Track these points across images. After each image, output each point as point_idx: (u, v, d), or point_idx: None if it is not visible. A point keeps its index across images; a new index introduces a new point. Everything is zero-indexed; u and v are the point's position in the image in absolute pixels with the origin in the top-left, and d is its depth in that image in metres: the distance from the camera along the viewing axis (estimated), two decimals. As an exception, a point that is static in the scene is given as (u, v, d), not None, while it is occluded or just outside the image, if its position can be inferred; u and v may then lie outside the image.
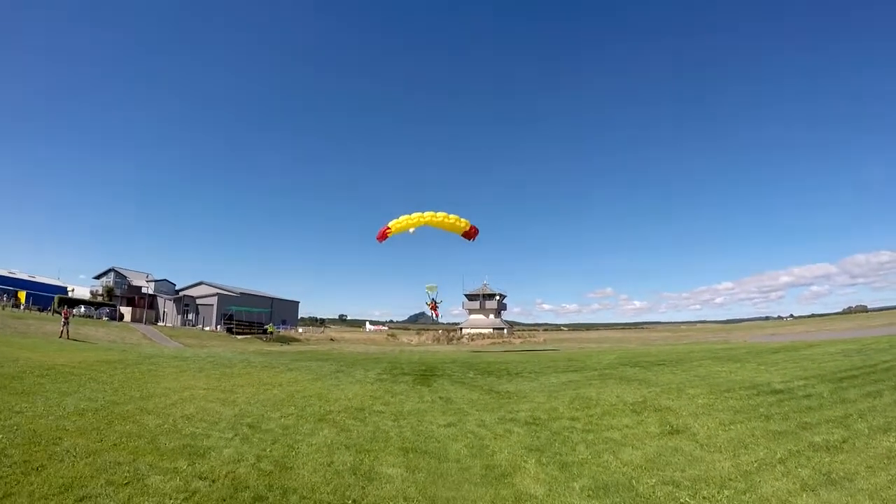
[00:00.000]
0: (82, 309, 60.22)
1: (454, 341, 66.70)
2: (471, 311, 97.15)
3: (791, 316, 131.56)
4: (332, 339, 62.21)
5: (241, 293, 77.50)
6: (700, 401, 11.45)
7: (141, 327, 52.26)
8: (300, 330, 75.45)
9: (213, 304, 69.90)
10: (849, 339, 31.76)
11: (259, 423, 9.43)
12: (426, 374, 19.29)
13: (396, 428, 9.47)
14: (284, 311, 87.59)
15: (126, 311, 66.92)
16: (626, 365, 21.34)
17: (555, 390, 14.14)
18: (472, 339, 69.32)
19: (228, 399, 12.02)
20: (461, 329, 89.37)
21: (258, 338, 56.67)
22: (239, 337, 55.32)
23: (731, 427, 8.89)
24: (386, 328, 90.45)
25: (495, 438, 8.71)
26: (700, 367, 19.27)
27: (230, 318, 63.64)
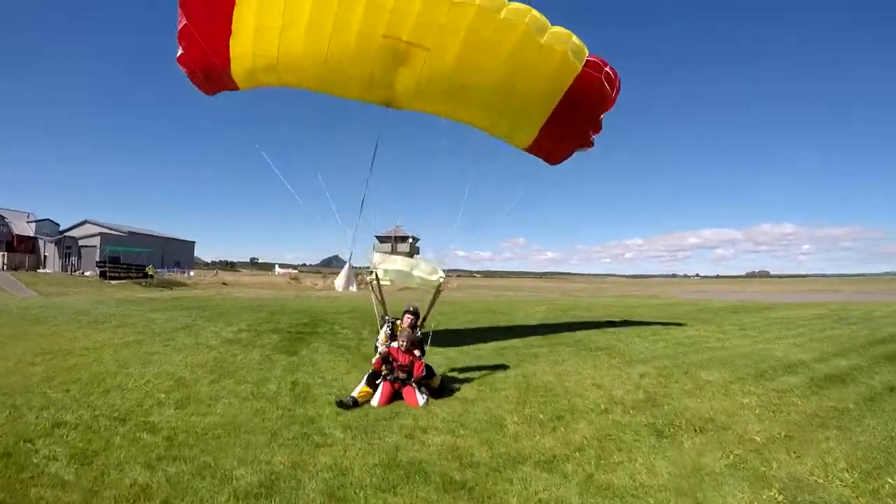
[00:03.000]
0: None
1: (362, 286, 61.00)
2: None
3: (697, 275, 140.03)
4: (224, 284, 54.17)
5: (130, 232, 66.78)
6: (745, 401, 7.06)
7: (-5, 276, 41.86)
8: (191, 273, 66.03)
9: (95, 246, 59.40)
10: (795, 302, 30.64)
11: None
12: (302, 332, 13.72)
13: (152, 474, 3.96)
14: (178, 253, 77.18)
15: (0, 256, 54.92)
16: (563, 322, 17.25)
17: (484, 365, 9.25)
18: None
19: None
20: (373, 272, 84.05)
21: (137, 282, 47.37)
22: (113, 282, 45.77)
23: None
24: (295, 271, 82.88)
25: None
26: (668, 330, 15.43)
27: (106, 261, 53.57)
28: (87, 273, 53.63)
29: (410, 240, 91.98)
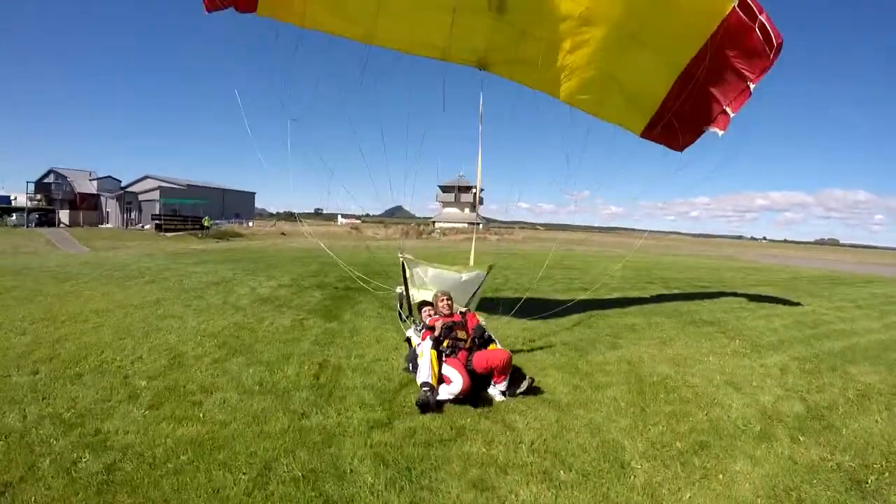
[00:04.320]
0: (13, 218, 53.97)
1: (424, 236, 59.41)
2: (445, 204, 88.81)
3: (764, 238, 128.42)
4: (282, 234, 54.31)
5: (188, 185, 67.35)
6: None
7: (49, 231, 44.14)
8: (250, 224, 67.14)
9: (155, 200, 60.81)
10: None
11: None
12: (350, 288, 11.88)
13: None
14: (238, 204, 77.43)
15: (64, 214, 58.02)
16: (648, 284, 14.71)
17: (572, 341, 7.02)
18: (445, 234, 62.47)
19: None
20: (433, 223, 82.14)
21: (193, 234, 48.13)
22: (168, 235, 46.69)
23: None
24: (358, 221, 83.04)
25: None
26: (775, 303, 12.67)
27: (162, 214, 55.04)
28: (146, 227, 55.35)
29: (474, 189, 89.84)
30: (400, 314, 7.10)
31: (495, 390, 4.94)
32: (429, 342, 5.07)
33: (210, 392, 4.84)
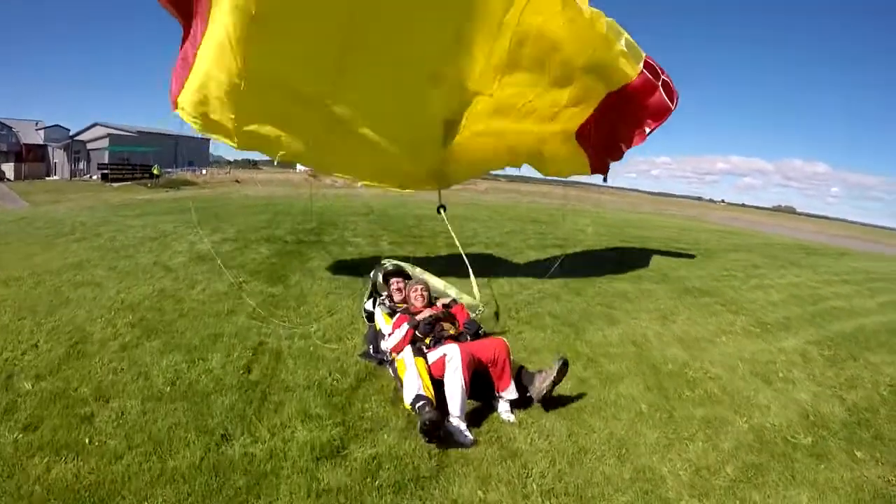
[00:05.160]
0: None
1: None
2: None
3: (723, 201, 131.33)
4: (236, 181, 51.22)
5: (140, 132, 62.38)
6: None
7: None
8: (204, 172, 63.31)
9: (103, 149, 56.08)
10: (869, 252, 25.94)
11: None
12: (302, 242, 10.46)
13: None
14: (192, 151, 72.65)
15: (9, 168, 53.02)
16: (625, 243, 14.09)
17: (561, 315, 5.98)
18: None
19: None
20: None
21: (143, 184, 44.61)
22: (115, 185, 43.05)
23: None
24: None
25: None
26: (763, 271, 12.15)
27: (110, 164, 50.96)
28: (95, 178, 51.33)
29: None
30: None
31: (503, 406, 3.60)
32: (409, 353, 3.60)
33: (106, 399, 3.53)
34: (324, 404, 3.56)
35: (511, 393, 3.56)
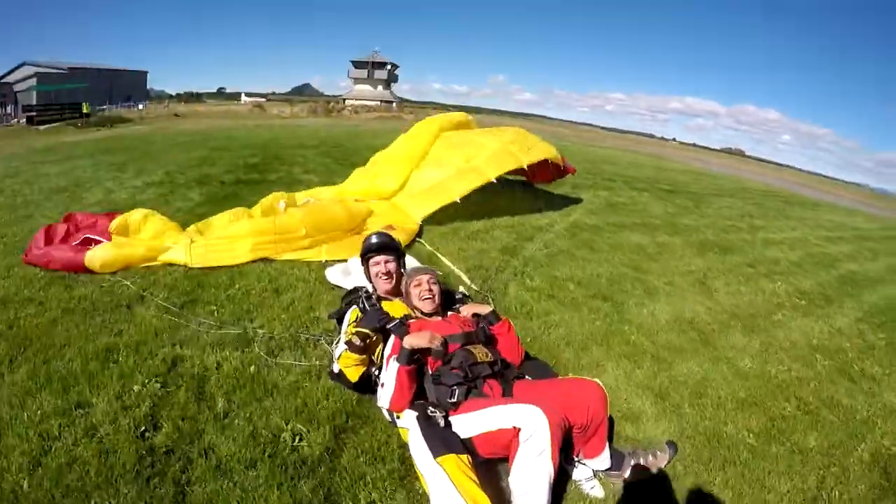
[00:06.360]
0: None
1: (333, 114, 54.09)
2: (356, 81, 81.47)
3: (675, 139, 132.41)
4: (175, 115, 46.92)
5: (71, 68, 58.06)
6: None
7: None
8: (140, 107, 57.92)
9: (31, 88, 50.32)
10: (839, 206, 25.51)
11: None
12: (241, 182, 8.75)
13: None
14: (129, 86, 68.76)
15: None
16: (603, 180, 13.11)
17: (567, 299, 4.66)
18: (356, 112, 57.38)
19: None
20: (343, 100, 74.28)
21: (73, 124, 39.88)
22: (42, 128, 38.20)
23: None
24: (264, 100, 75.02)
25: None
26: (762, 223, 11.54)
27: (35, 105, 45.68)
28: (22, 122, 45.89)
29: (389, 66, 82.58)
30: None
31: (583, 473, 2.25)
32: (428, 443, 1.95)
33: None
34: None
35: (603, 462, 2.22)
